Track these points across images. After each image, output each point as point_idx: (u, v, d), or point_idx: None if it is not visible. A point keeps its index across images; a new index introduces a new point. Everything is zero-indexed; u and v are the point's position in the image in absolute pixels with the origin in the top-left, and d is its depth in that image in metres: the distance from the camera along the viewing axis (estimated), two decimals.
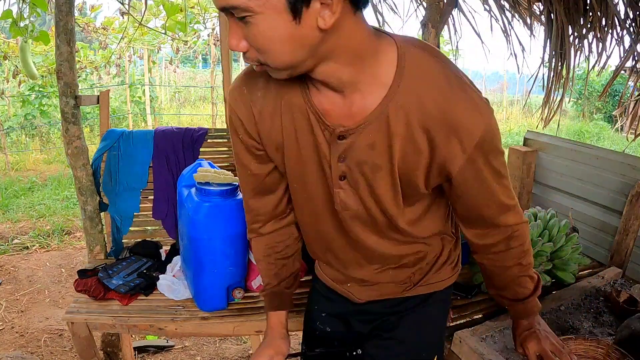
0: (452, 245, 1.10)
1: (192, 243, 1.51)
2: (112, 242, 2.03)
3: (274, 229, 1.08)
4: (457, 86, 0.77)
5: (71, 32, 1.82)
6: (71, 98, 1.86)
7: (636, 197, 1.77)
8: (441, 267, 1.08)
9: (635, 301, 1.48)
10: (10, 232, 3.83)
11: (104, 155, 1.98)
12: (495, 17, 2.35)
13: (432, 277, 1.08)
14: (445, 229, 1.06)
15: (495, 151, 0.84)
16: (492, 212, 0.93)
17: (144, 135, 2.05)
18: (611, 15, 2.13)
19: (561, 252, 1.65)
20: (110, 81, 8.44)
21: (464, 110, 0.77)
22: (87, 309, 1.59)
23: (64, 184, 5.09)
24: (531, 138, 2.34)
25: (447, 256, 1.09)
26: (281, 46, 0.67)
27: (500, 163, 0.86)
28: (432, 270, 1.07)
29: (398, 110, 0.76)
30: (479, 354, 1.24)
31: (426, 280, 1.08)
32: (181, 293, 1.67)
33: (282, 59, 0.69)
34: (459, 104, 0.76)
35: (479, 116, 0.78)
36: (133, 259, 1.91)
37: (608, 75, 7.71)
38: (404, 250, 1.02)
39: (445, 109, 0.76)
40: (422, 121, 0.77)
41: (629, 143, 3.05)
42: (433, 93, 0.76)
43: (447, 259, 1.09)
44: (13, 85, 6.92)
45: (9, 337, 2.45)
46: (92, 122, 7.07)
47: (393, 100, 0.76)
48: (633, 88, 2.56)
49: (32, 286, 3.00)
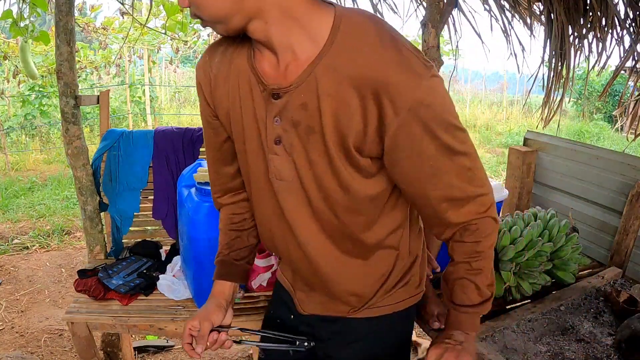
0: (407, 263, 0.99)
1: (192, 243, 1.51)
2: (112, 242, 2.03)
3: (231, 202, 1.07)
4: (391, 46, 0.73)
5: (71, 32, 1.82)
6: (71, 98, 1.86)
7: (636, 197, 1.77)
8: (392, 288, 0.98)
9: (635, 301, 1.48)
10: (10, 232, 3.83)
11: (104, 155, 1.98)
12: (495, 17, 2.35)
13: (381, 300, 0.98)
14: (395, 243, 0.95)
15: (442, 122, 0.76)
16: (440, 194, 0.82)
17: (144, 135, 2.05)
18: (611, 15, 2.13)
19: (561, 252, 1.65)
20: (110, 81, 8.44)
21: (395, 68, 0.72)
22: (87, 309, 1.59)
23: (64, 184, 5.09)
24: (531, 138, 2.34)
25: (400, 276, 0.98)
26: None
27: (453, 138, 0.77)
28: (380, 291, 0.97)
29: (328, 69, 0.75)
30: (479, 354, 1.24)
31: (374, 302, 0.97)
32: (181, 293, 1.67)
33: (210, 11, 0.74)
34: (390, 63, 0.72)
35: (413, 77, 0.72)
36: (133, 259, 1.91)
37: (608, 75, 7.71)
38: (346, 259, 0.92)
39: (377, 68, 0.72)
40: (354, 81, 0.74)
41: (629, 143, 3.05)
42: (365, 52, 0.73)
43: (400, 280, 0.98)
44: (13, 85, 6.92)
45: (9, 337, 2.45)
46: (92, 122, 7.08)
47: (323, 60, 0.75)
48: (633, 88, 2.56)
49: (32, 286, 3.00)
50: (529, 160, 2.27)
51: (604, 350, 1.31)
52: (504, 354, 1.25)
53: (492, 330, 1.36)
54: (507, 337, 1.34)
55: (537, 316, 1.46)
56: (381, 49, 0.73)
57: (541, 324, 1.42)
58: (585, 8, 2.21)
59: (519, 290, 1.60)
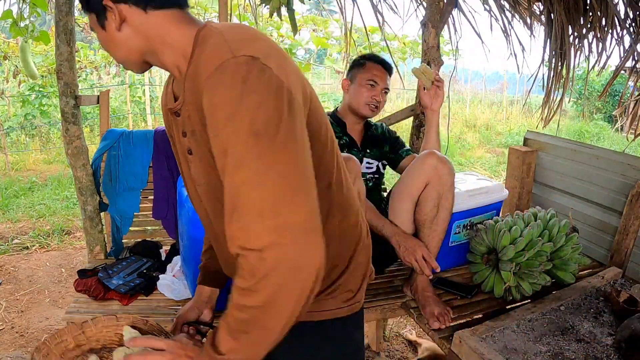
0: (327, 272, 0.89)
1: (192, 243, 1.51)
2: (112, 242, 2.03)
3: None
4: (224, 50, 0.72)
5: (71, 32, 1.82)
6: (71, 98, 1.86)
7: (636, 197, 1.77)
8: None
9: (635, 301, 1.48)
10: (10, 232, 3.83)
11: (104, 155, 1.98)
12: (495, 17, 2.36)
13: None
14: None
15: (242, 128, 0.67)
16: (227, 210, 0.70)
17: (144, 135, 2.05)
18: (611, 15, 2.13)
19: (561, 252, 1.65)
20: (110, 81, 8.44)
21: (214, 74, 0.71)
22: (87, 309, 1.59)
23: (64, 184, 5.09)
24: (531, 138, 2.34)
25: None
26: (108, 48, 0.87)
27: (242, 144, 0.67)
28: None
29: (189, 80, 0.81)
30: (479, 354, 1.24)
31: None
32: (181, 293, 1.67)
33: (115, 57, 0.88)
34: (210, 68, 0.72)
35: (220, 78, 0.69)
36: (133, 259, 1.91)
37: (608, 75, 7.72)
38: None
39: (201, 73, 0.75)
40: (198, 88, 0.76)
41: (629, 143, 3.05)
42: (203, 60, 0.76)
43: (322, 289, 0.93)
44: (13, 85, 6.92)
45: (9, 337, 2.45)
46: (92, 122, 7.07)
47: (188, 72, 0.81)
48: (633, 88, 2.56)
49: (32, 286, 3.00)
50: (529, 160, 2.27)
51: (604, 350, 1.31)
52: (504, 354, 1.25)
53: (492, 330, 1.36)
54: (507, 337, 1.34)
55: (537, 316, 1.46)
56: (212, 55, 0.75)
57: (541, 324, 1.42)
58: (585, 8, 2.21)
59: (519, 290, 1.60)
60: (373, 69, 1.85)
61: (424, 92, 1.84)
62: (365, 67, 1.86)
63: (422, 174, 1.58)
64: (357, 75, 1.86)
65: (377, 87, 1.83)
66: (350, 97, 1.88)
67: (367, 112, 1.85)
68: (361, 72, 1.85)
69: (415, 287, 1.63)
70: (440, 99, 1.84)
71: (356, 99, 1.85)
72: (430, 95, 1.83)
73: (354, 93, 1.86)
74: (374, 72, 1.84)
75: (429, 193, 1.58)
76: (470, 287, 1.70)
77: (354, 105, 1.86)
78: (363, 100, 1.83)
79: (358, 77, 1.86)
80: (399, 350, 2.45)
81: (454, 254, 1.90)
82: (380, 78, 1.84)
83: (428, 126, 1.87)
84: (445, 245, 1.81)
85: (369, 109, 1.84)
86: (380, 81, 1.84)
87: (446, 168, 1.56)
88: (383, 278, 1.83)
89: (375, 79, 1.83)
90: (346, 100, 1.91)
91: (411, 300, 1.65)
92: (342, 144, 1.87)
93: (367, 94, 1.83)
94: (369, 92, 1.83)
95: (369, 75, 1.83)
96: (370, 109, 1.85)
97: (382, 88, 1.85)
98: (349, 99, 1.88)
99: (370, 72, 1.84)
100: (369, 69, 1.85)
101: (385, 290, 1.75)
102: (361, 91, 1.83)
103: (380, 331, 2.40)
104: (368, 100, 1.83)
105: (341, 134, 1.89)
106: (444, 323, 1.48)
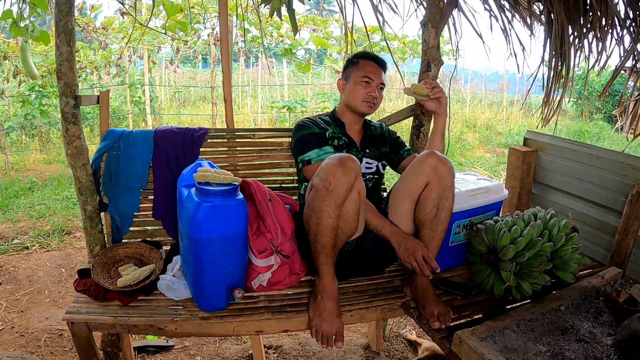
0: None
1: (192, 243, 1.51)
2: (112, 242, 2.03)
3: None
4: None
5: (71, 32, 1.82)
6: (71, 98, 1.86)
7: (636, 197, 1.77)
8: None
9: (635, 301, 1.48)
10: (10, 232, 3.83)
11: (104, 155, 1.98)
12: (495, 17, 2.35)
13: None
14: None
15: None
16: None
17: (144, 135, 2.05)
18: (611, 15, 2.13)
19: (561, 252, 1.65)
20: (110, 81, 8.43)
21: None
22: (87, 309, 1.59)
23: (64, 184, 5.09)
24: (531, 138, 2.34)
25: None
26: None
27: None
28: None
29: None
30: (479, 354, 1.24)
31: None
32: (181, 293, 1.67)
33: None
34: None
35: None
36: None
37: (608, 75, 7.71)
38: None
39: None
40: None
41: (629, 143, 3.05)
42: None
43: None
44: (13, 85, 6.91)
45: (9, 337, 2.45)
46: (92, 122, 7.07)
47: None
48: (633, 88, 2.56)
49: (32, 286, 3.00)
50: (529, 160, 2.27)
51: (604, 350, 1.31)
52: (504, 354, 1.25)
53: (492, 330, 1.36)
54: (507, 337, 1.34)
55: (537, 316, 1.46)
56: None
57: (541, 324, 1.42)
58: (585, 8, 2.21)
59: (519, 290, 1.60)
60: (367, 66, 1.86)
61: (426, 102, 1.87)
62: (359, 65, 1.87)
63: (422, 173, 1.58)
64: (352, 74, 1.87)
65: (373, 83, 1.84)
66: (347, 96, 1.89)
67: (365, 109, 1.86)
68: (355, 70, 1.86)
69: (415, 287, 1.63)
70: (443, 102, 1.85)
71: (353, 97, 1.86)
72: (433, 101, 1.85)
73: (350, 91, 1.87)
74: (368, 69, 1.85)
75: (429, 193, 1.58)
76: (470, 287, 1.70)
77: (352, 103, 1.87)
78: (360, 97, 1.84)
79: (353, 76, 1.87)
80: (399, 350, 2.45)
81: (454, 254, 1.90)
82: (374, 74, 1.85)
83: (434, 128, 1.88)
84: (445, 245, 1.81)
85: (367, 105, 1.85)
86: (375, 77, 1.84)
87: (446, 168, 1.56)
88: (383, 278, 1.83)
89: (370, 76, 1.84)
90: (343, 99, 1.92)
91: (411, 300, 1.65)
92: (341, 144, 1.87)
93: (363, 91, 1.84)
94: (365, 89, 1.84)
95: (363, 72, 1.84)
96: (368, 106, 1.85)
97: (378, 84, 1.85)
98: (346, 98, 1.89)
99: (364, 69, 1.85)
100: (362, 67, 1.86)
101: (385, 290, 1.75)
102: (357, 89, 1.84)
103: (380, 331, 2.40)
104: (365, 97, 1.84)
105: (340, 134, 1.89)
106: (444, 323, 1.48)
